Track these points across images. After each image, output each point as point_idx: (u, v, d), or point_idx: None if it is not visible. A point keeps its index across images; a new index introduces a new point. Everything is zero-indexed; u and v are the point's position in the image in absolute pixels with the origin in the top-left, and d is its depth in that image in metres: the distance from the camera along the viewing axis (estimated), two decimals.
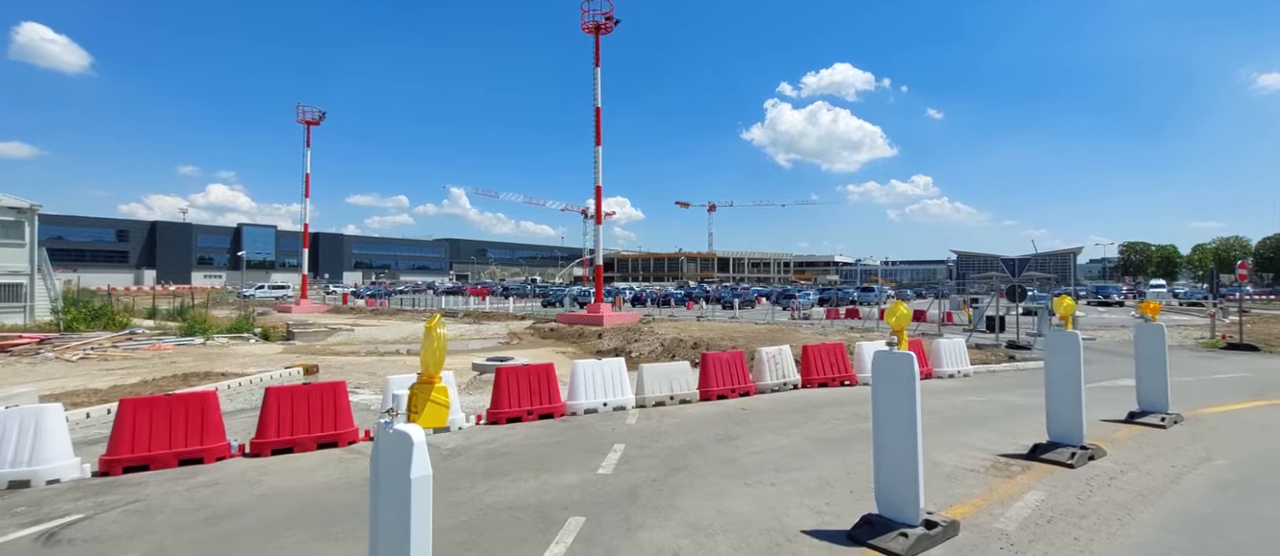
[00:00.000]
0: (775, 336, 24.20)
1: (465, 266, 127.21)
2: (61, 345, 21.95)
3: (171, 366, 19.81)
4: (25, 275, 26.14)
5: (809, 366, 11.93)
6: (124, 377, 16.81)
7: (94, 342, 22.73)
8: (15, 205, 25.89)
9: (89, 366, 19.39)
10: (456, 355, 24.61)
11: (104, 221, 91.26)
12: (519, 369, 9.42)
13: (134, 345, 23.47)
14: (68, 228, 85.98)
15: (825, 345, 12.34)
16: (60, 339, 22.80)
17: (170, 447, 7.05)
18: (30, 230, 26.20)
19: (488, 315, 41.00)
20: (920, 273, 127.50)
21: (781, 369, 11.55)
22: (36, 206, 26.47)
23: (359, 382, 16.60)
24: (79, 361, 20.30)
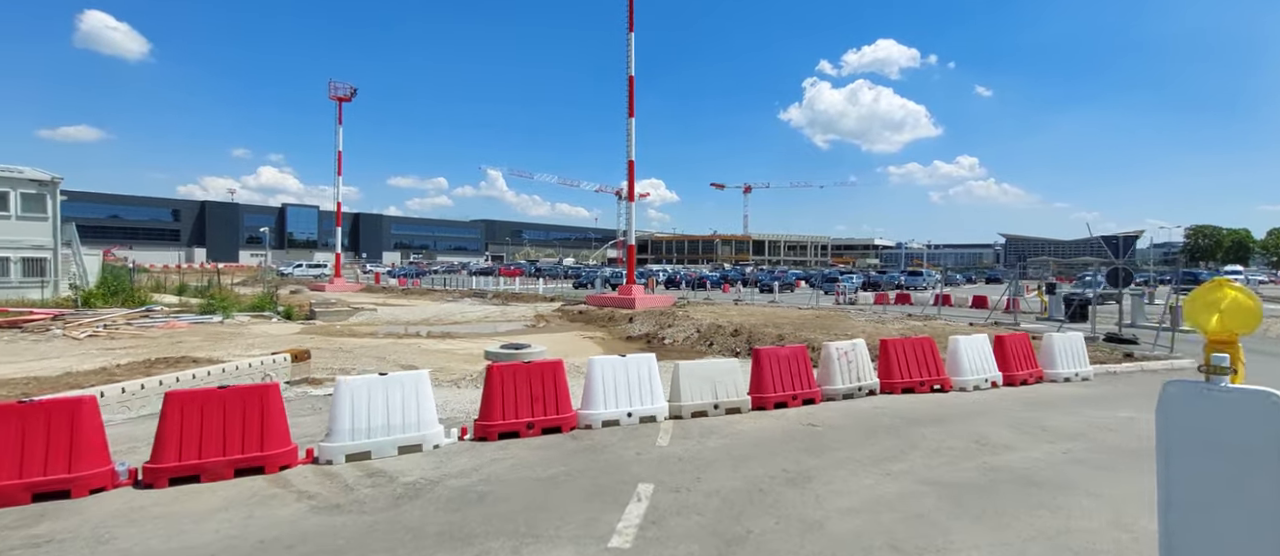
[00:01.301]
0: (825, 324, 21.43)
1: (501, 247, 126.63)
2: (74, 321, 20.84)
3: (176, 346, 18.35)
4: (49, 249, 25.30)
5: (889, 366, 9.30)
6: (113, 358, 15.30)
7: (108, 320, 21.59)
8: (37, 178, 24.98)
9: (91, 345, 18.09)
10: (475, 339, 22.67)
11: (158, 201, 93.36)
12: (517, 368, 7.11)
13: (148, 323, 22.29)
14: (124, 207, 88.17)
15: (910, 340, 9.67)
16: (74, 315, 21.74)
17: (20, 476, 4.99)
18: (52, 204, 25.30)
19: (516, 296, 39.20)
20: (965, 256, 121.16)
21: (856, 369, 8.96)
22: (58, 179, 25.53)
23: (357, 371, 14.69)
24: (86, 339, 19.05)
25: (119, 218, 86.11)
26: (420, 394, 6.50)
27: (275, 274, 62.40)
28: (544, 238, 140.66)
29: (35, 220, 24.96)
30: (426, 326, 26.77)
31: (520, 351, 14.30)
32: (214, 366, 10.62)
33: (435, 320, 29.20)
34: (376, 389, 6.29)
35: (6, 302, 23.07)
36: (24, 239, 24.70)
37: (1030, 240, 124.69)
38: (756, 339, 19.42)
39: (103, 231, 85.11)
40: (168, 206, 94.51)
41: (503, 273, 64.19)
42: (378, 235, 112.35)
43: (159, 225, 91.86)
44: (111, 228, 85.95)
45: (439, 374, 14.92)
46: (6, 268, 24.27)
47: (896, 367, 9.29)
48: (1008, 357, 10.09)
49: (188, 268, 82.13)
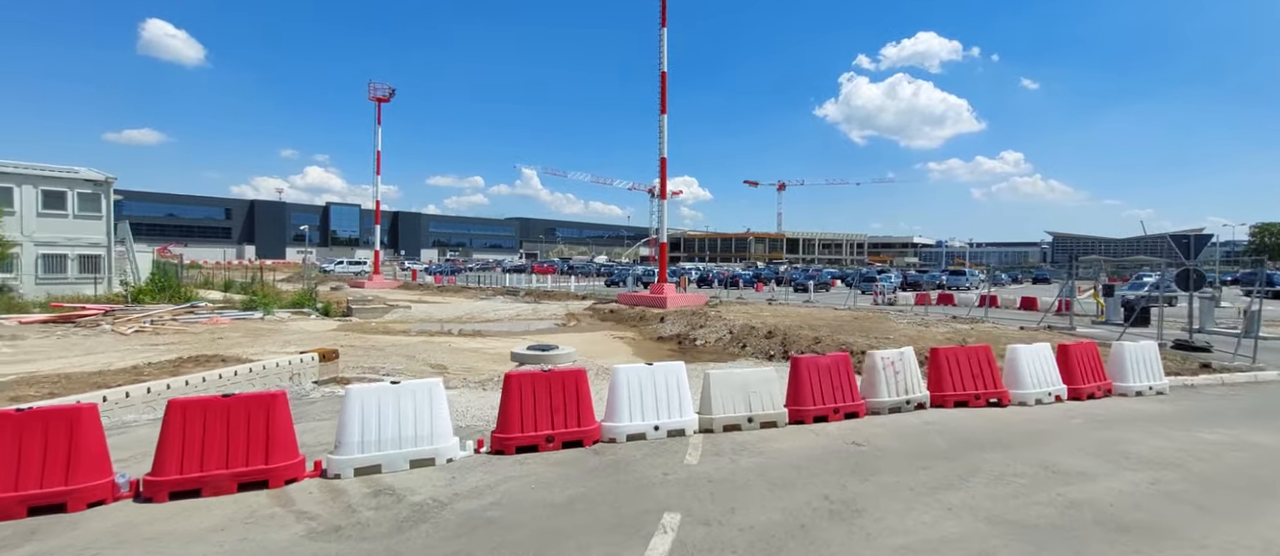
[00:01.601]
0: (864, 326, 20.45)
1: (535, 245, 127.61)
2: (123, 317, 21.46)
3: (216, 342, 18.65)
4: (102, 246, 26.20)
5: (940, 377, 8.50)
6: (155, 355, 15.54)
7: (154, 315, 22.17)
8: (92, 178, 25.87)
9: (137, 341, 18.52)
10: (506, 338, 22.46)
11: (211, 200, 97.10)
12: (537, 377, 6.62)
13: (193, 318, 22.82)
14: (179, 206, 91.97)
15: (964, 349, 8.83)
16: (124, 310, 22.39)
17: (16, 488, 4.74)
18: (106, 203, 26.18)
19: (548, 294, 39.06)
20: (1010, 255, 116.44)
21: (903, 380, 8.19)
22: (112, 179, 26.41)
23: (386, 369, 14.54)
24: (133, 334, 19.55)
25: (175, 216, 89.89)
26: (434, 403, 6.08)
27: (318, 271, 64.06)
28: (577, 235, 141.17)
29: (90, 219, 25.87)
30: (459, 324, 26.76)
31: (547, 353, 13.92)
32: (241, 366, 10.52)
33: (467, 318, 29.20)
34: (387, 398, 5.90)
35: (62, 298, 23.97)
36: (80, 236, 25.62)
37: (1079, 238, 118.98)
38: (791, 341, 18.62)
39: (160, 229, 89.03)
40: (220, 205, 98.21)
41: (536, 270, 64.43)
42: (416, 233, 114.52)
43: (212, 223, 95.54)
44: (168, 225, 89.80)
45: (466, 374, 14.66)
46: (64, 264, 25.22)
47: (948, 379, 8.47)
48: (1073, 368, 9.15)
49: (237, 264, 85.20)
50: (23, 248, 24.36)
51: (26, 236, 24.43)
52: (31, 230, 24.53)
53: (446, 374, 14.88)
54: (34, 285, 24.52)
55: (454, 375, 14.82)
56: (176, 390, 9.11)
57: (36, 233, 24.65)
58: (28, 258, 24.49)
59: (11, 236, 23.88)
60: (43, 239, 24.78)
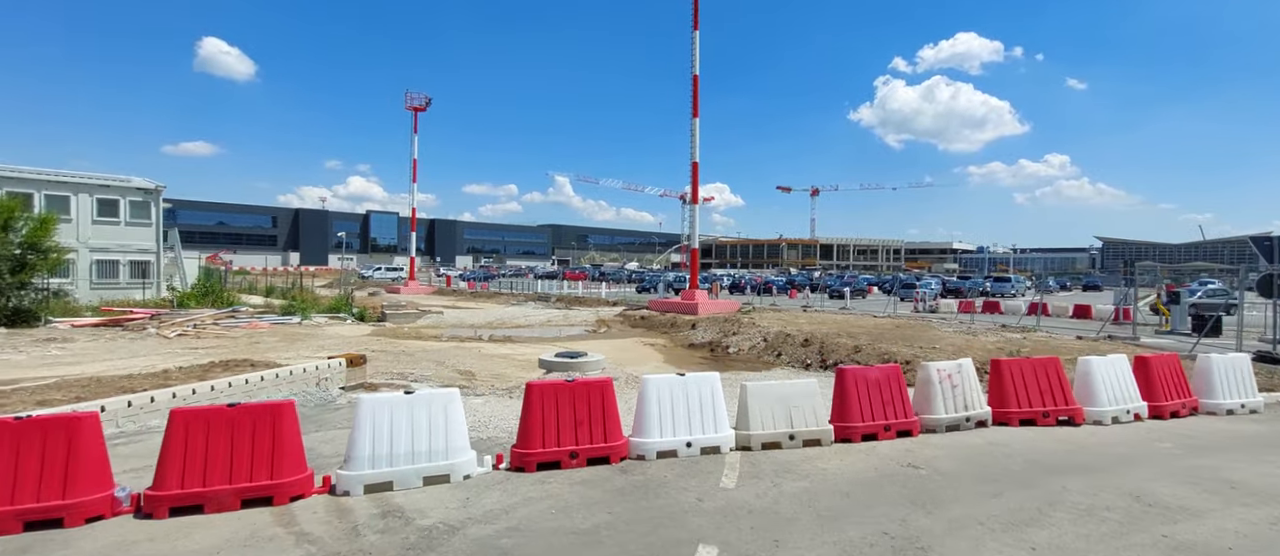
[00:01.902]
0: (906, 334, 19.41)
1: (567, 251, 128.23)
2: (168, 321, 21.97)
3: (253, 346, 18.84)
4: (152, 253, 27.00)
5: (1003, 391, 7.68)
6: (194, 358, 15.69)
7: (197, 319, 22.64)
8: (143, 187, 26.73)
9: (178, 344, 18.85)
10: (536, 344, 22.15)
11: (259, 209, 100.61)
12: (561, 387, 6.12)
13: (233, 323, 23.24)
14: (229, 214, 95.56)
15: (1030, 360, 7.98)
16: (169, 315, 22.94)
17: (12, 502, 4.46)
18: (155, 210, 27.01)
19: (579, 300, 38.80)
20: (1056, 261, 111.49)
21: (962, 395, 7.42)
22: (161, 188, 27.25)
23: (415, 375, 14.31)
24: (175, 338, 19.93)
25: (225, 224, 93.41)
26: (450, 416, 5.64)
27: (357, 277, 65.45)
28: (609, 242, 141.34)
29: (141, 226, 26.71)
30: (489, 330, 26.64)
31: (576, 360, 13.47)
32: (268, 371, 10.38)
33: (498, 323, 29.11)
34: (400, 410, 5.48)
35: (113, 302, 24.75)
36: (131, 243, 26.46)
37: (1131, 244, 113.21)
38: (829, 350, 17.76)
39: (211, 237, 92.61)
40: (267, 214, 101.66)
41: (567, 276, 64.46)
42: (452, 240, 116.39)
43: (260, 231, 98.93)
44: (218, 233, 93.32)
45: (494, 381, 14.33)
46: (116, 269, 26.07)
47: (1013, 393, 7.64)
48: (1154, 383, 8.19)
49: (282, 270, 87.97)
50: (78, 254, 25.24)
51: (82, 243, 25.33)
52: (87, 237, 25.43)
53: (474, 380, 14.59)
54: (88, 289, 25.37)
55: (481, 382, 14.52)
56: (202, 395, 8.97)
57: (91, 239, 25.55)
58: (83, 263, 25.37)
59: (68, 243, 24.75)
60: (97, 245, 25.67)
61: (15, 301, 20.36)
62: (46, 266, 21.09)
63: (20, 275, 20.30)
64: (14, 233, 20.55)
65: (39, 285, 21.47)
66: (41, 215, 21.12)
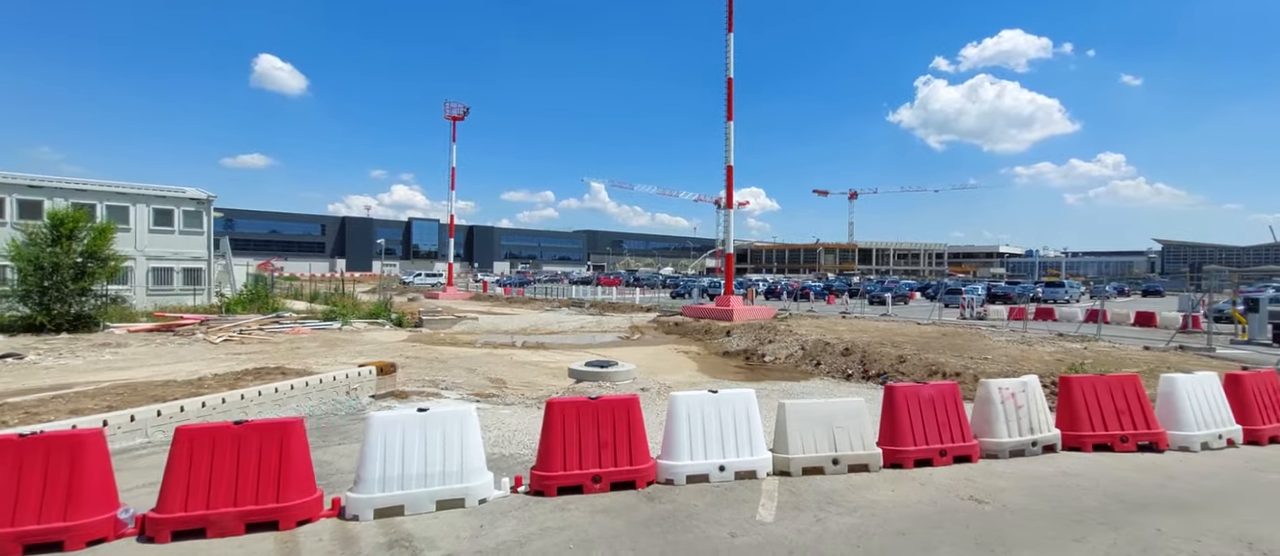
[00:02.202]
0: (955, 343, 18.31)
1: (602, 257, 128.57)
2: (216, 326, 22.59)
3: (294, 351, 19.15)
4: (203, 260, 27.96)
5: (1074, 412, 6.88)
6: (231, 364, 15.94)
7: (243, 325, 23.22)
8: (196, 197, 27.72)
9: (223, 349, 19.30)
10: (568, 351, 21.87)
11: (308, 218, 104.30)
12: (583, 405, 5.68)
13: (277, 328, 23.77)
14: (281, 223, 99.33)
15: (1103, 379, 7.14)
16: (217, 320, 23.61)
17: (12, 524, 4.27)
18: (207, 219, 27.98)
19: (613, 306, 38.51)
20: (1112, 265, 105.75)
21: (1028, 416, 6.66)
22: (212, 197, 28.22)
23: (446, 383, 14.14)
24: (221, 343, 20.43)
25: (277, 232, 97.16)
26: (465, 435, 5.26)
27: (398, 282, 66.94)
28: (644, 247, 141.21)
29: (194, 234, 27.70)
30: (523, 336, 26.55)
31: (606, 370, 13.06)
32: (298, 379, 10.30)
33: (532, 330, 29.03)
34: (413, 429, 5.13)
35: (167, 308, 25.67)
36: (184, 251, 27.46)
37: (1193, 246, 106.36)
38: (872, 359, 16.86)
39: (264, 245, 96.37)
40: (316, 222, 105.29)
41: (602, 282, 64.41)
42: (490, 246, 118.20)
43: (309, 239, 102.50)
44: (271, 241, 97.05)
45: (524, 390, 14.05)
46: (170, 276, 27.08)
47: (1086, 414, 6.83)
48: (1249, 403, 7.23)
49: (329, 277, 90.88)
50: (136, 261, 26.29)
51: (139, 251, 26.38)
52: (144, 245, 26.49)
53: (504, 389, 14.35)
54: (145, 296, 26.39)
55: (512, 390, 14.27)
56: (233, 404, 8.90)
57: (148, 247, 26.60)
58: (140, 271, 26.42)
59: (126, 251, 25.80)
60: (153, 253, 26.71)
61: (77, 308, 21.22)
62: (105, 274, 21.96)
63: (81, 283, 21.17)
64: (77, 242, 21.46)
65: (98, 292, 22.38)
66: (101, 225, 22.00)
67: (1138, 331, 24.70)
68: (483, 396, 13.29)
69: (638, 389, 12.56)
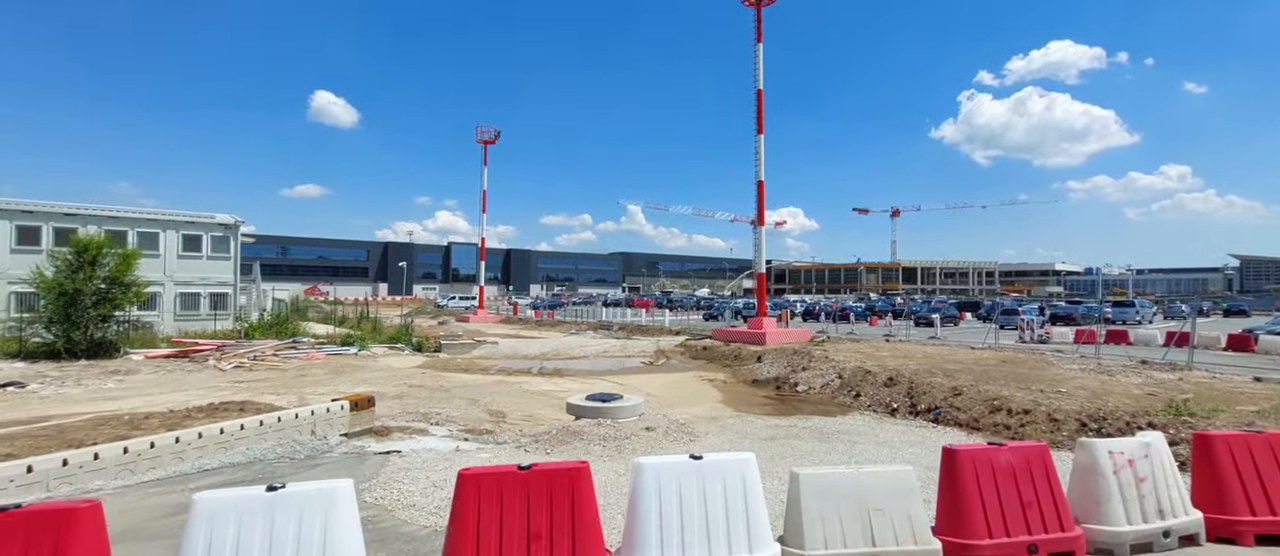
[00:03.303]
0: (1018, 373, 15.84)
1: (637, 279, 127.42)
2: (231, 352, 22.06)
3: (299, 379, 18.25)
4: (230, 285, 27.82)
5: (1222, 487, 4.81)
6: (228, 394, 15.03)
7: (258, 351, 22.64)
8: (224, 222, 27.71)
9: (231, 376, 18.56)
10: (587, 378, 20.29)
11: (353, 243, 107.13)
12: (507, 478, 4.02)
13: (292, 353, 23.10)
14: (328, 249, 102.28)
15: (1262, 436, 5.04)
16: (233, 346, 23.12)
17: None
18: (234, 244, 27.91)
19: (642, 329, 36.82)
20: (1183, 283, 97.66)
21: (1154, 494, 4.65)
22: (240, 222, 28.18)
23: (440, 416, 12.72)
24: (231, 369, 19.76)
25: (324, 258, 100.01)
26: (330, 530, 3.68)
27: (433, 306, 67.16)
28: (679, 269, 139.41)
29: (221, 260, 27.63)
30: (543, 361, 25.16)
31: (609, 404, 11.38)
32: (253, 418, 9.03)
33: (553, 354, 27.63)
34: (252, 518, 3.59)
35: (193, 333, 25.46)
36: (211, 276, 27.38)
37: (1277, 262, 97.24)
38: (920, 392, 14.60)
39: (312, 270, 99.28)
40: (361, 248, 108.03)
41: (635, 303, 62.93)
42: (526, 269, 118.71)
43: (354, 264, 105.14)
44: (319, 267, 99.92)
45: (523, 425, 12.51)
46: (197, 302, 26.98)
47: (1241, 490, 4.75)
48: None
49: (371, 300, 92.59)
50: (164, 287, 26.28)
51: (168, 277, 26.39)
52: (172, 271, 26.50)
53: (502, 423, 12.83)
54: (172, 321, 26.30)
55: (510, 425, 12.74)
56: (164, 450, 7.68)
57: (176, 273, 26.60)
58: (168, 296, 26.39)
59: (155, 277, 25.82)
60: (181, 278, 26.69)
61: (98, 333, 20.99)
62: (127, 300, 21.76)
63: (102, 308, 20.96)
64: (100, 268, 21.34)
65: (120, 317, 22.20)
66: (125, 250, 21.88)
67: (1233, 357, 21.39)
68: (474, 433, 11.79)
69: (643, 427, 10.83)
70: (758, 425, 12.56)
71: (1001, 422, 12.00)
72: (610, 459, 8.98)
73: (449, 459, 9.02)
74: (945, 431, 12.14)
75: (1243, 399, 12.35)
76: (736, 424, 12.64)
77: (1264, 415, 10.87)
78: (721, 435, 11.31)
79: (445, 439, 11.10)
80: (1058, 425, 11.34)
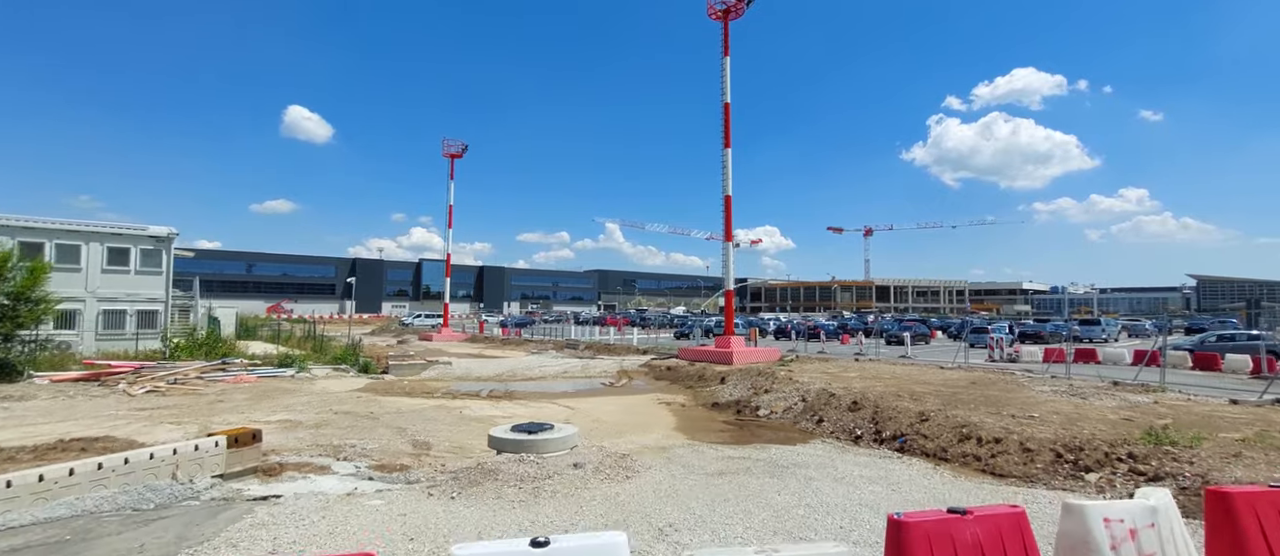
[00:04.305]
0: (988, 395, 14.87)
1: (613, 297, 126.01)
2: (147, 375, 20.07)
3: (213, 405, 16.46)
4: (161, 301, 25.76)
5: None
6: (125, 423, 13.31)
7: (181, 373, 20.67)
8: (155, 234, 25.74)
9: (138, 402, 16.69)
10: (538, 401, 18.83)
11: (320, 260, 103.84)
12: None
13: (218, 376, 21.17)
14: (295, 265, 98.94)
15: None
16: (154, 368, 21.12)
17: None
18: (167, 258, 25.92)
19: (609, 348, 35.42)
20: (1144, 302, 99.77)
21: None
22: (174, 234, 26.23)
23: (352, 450, 11.18)
24: (142, 395, 17.84)
25: (289, 275, 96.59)
26: None
27: (398, 323, 64.78)
28: (656, 287, 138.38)
29: (151, 274, 25.60)
30: (497, 383, 23.58)
31: (536, 437, 10.00)
32: (84, 462, 7.43)
33: (510, 375, 26.05)
34: None
35: (115, 354, 23.33)
36: (140, 292, 25.31)
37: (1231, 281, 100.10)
38: (886, 417, 13.51)
39: (278, 287, 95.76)
40: (330, 264, 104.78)
41: (608, 322, 61.48)
42: (500, 286, 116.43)
43: (322, 281, 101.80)
44: (284, 284, 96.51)
45: (447, 458, 11.01)
46: (123, 320, 24.86)
47: None
48: None
49: (338, 318, 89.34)
50: (86, 304, 24.18)
51: (90, 293, 24.29)
52: (95, 286, 24.41)
53: (422, 459, 11.29)
54: (94, 341, 24.15)
55: (434, 457, 11.23)
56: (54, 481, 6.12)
57: (100, 288, 24.50)
58: (90, 313, 24.27)
59: (75, 293, 23.73)
60: (105, 294, 24.59)
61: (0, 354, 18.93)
62: (33, 317, 19.75)
63: (2, 326, 18.92)
64: (5, 282, 19.34)
65: (26, 336, 20.14)
66: (32, 263, 19.90)
67: (1201, 376, 20.87)
68: (385, 470, 10.28)
69: (571, 463, 9.47)
70: (708, 456, 11.30)
71: (971, 453, 10.92)
72: (521, 506, 7.61)
73: (328, 508, 7.56)
74: (910, 462, 11.02)
75: (1223, 424, 11.50)
76: (685, 455, 11.36)
77: (1250, 444, 9.98)
78: (665, 469, 10.01)
79: (346, 478, 9.61)
80: (1031, 456, 10.30)
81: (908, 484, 9.27)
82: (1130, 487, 8.96)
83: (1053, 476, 9.64)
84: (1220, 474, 8.68)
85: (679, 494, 8.45)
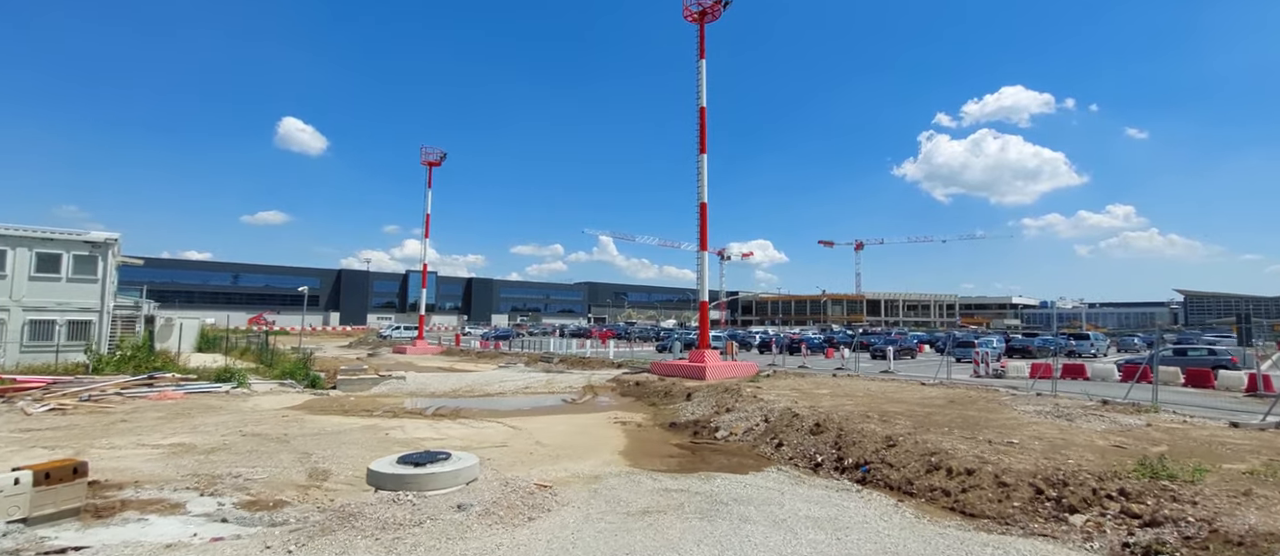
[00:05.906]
0: (965, 415, 13.35)
1: (603, 309, 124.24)
2: (59, 391, 18.32)
3: (115, 425, 14.75)
4: (95, 311, 24.01)
5: None
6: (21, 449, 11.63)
7: (99, 388, 18.92)
8: (91, 240, 24.07)
9: (36, 421, 14.96)
10: (490, 419, 17.18)
11: (305, 271, 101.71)
12: None
13: (142, 391, 19.41)
14: (281, 277, 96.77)
15: None
16: (70, 383, 19.35)
17: None
18: (103, 266, 24.21)
19: (583, 362, 33.74)
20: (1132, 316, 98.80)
21: None
22: (114, 239, 24.56)
23: (223, 484, 9.51)
24: (43, 414, 16.08)
25: (270, 286, 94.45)
26: None
27: (376, 336, 62.86)
28: (646, 299, 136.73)
29: (84, 282, 23.88)
30: (449, 399, 21.88)
31: (422, 471, 8.39)
32: None
33: (468, 390, 24.36)
34: None
35: (35, 368, 21.55)
36: (72, 301, 23.58)
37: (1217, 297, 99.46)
38: (850, 442, 11.96)
39: (260, 299, 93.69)
40: (316, 276, 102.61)
41: (594, 334, 59.81)
42: (489, 298, 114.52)
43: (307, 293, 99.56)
44: (267, 295, 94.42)
45: (345, 490, 9.37)
46: (51, 331, 23.09)
47: None
48: None
49: (322, 330, 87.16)
50: (10, 313, 22.41)
51: (15, 301, 22.55)
52: (20, 295, 22.67)
53: (321, 486, 9.63)
54: (18, 353, 22.35)
55: (324, 491, 9.53)
56: None
57: (26, 297, 22.76)
58: (14, 324, 22.51)
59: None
60: (32, 303, 22.85)
61: None
62: None
63: None
64: None
65: None
66: None
67: (1194, 394, 19.46)
68: (254, 508, 8.63)
69: (455, 504, 7.85)
70: (642, 489, 9.72)
71: (939, 486, 9.38)
72: None
73: None
74: (870, 497, 9.46)
75: (1225, 452, 10.02)
76: (616, 487, 9.77)
77: (1259, 478, 8.48)
78: (580, 509, 8.43)
79: (193, 520, 7.99)
80: (1007, 491, 8.76)
81: (858, 529, 7.70)
82: (1123, 534, 7.43)
83: (1032, 517, 8.10)
84: (1230, 518, 7.15)
85: (577, 547, 6.87)
